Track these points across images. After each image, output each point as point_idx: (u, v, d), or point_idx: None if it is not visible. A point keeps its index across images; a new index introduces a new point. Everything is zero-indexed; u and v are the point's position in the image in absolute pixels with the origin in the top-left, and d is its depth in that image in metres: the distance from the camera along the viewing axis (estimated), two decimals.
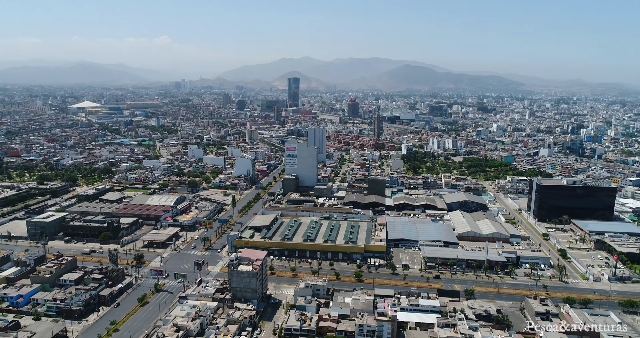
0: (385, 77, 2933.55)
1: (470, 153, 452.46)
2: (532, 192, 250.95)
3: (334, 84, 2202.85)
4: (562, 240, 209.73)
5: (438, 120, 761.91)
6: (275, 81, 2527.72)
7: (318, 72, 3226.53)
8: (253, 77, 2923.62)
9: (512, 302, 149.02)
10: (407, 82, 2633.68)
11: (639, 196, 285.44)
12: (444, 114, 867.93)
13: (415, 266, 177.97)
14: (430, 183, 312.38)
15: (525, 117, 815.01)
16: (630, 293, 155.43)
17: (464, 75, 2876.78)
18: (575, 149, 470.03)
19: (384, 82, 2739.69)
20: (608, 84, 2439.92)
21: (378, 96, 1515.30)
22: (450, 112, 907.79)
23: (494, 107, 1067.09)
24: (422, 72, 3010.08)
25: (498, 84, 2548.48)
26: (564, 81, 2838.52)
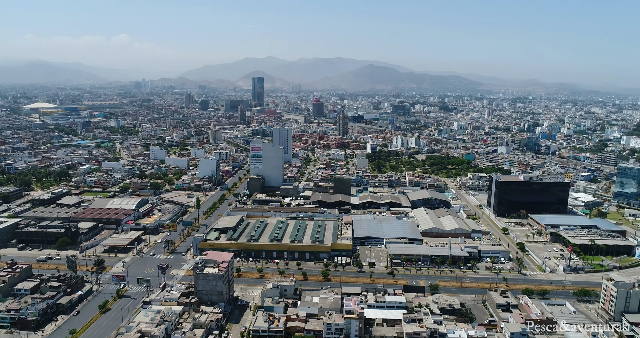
0: (350, 77, 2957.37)
1: (432, 151, 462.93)
2: (491, 188, 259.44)
3: (298, 83, 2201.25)
4: (521, 234, 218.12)
5: (401, 119, 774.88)
6: (239, 81, 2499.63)
7: (282, 72, 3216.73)
8: (216, 76, 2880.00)
9: (474, 295, 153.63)
10: (371, 82, 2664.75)
11: (590, 190, 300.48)
12: (407, 113, 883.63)
13: (381, 263, 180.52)
14: (394, 181, 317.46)
15: (485, 116, 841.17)
16: (584, 283, 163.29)
17: (426, 75, 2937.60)
18: (531, 146, 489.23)
19: (348, 82, 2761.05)
20: (561, 83, 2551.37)
21: (342, 96, 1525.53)
22: (413, 112, 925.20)
23: (454, 106, 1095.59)
24: (385, 72, 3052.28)
25: (458, 83, 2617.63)
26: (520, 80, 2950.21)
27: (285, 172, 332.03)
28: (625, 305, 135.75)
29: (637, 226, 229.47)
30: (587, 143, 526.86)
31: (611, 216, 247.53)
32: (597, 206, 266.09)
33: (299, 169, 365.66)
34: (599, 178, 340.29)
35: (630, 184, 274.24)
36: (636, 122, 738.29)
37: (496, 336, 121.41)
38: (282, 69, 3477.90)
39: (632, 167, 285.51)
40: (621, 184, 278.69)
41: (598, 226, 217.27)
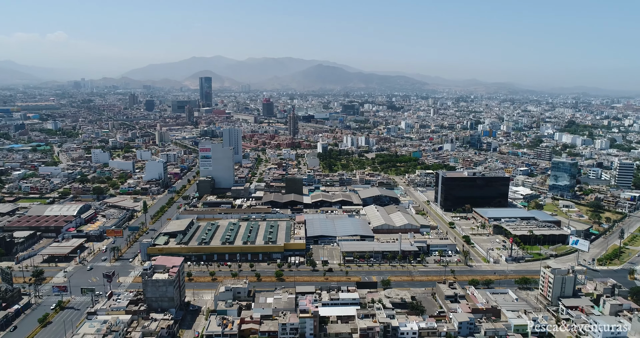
0: (299, 76, 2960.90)
1: (382, 150, 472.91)
2: (438, 184, 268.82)
3: (247, 83, 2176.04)
4: (466, 227, 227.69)
5: (351, 119, 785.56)
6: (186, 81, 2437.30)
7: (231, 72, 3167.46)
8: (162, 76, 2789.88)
9: (424, 288, 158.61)
10: (321, 82, 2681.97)
11: (528, 184, 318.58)
12: (357, 112, 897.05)
13: (334, 261, 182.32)
14: (345, 180, 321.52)
15: (430, 115, 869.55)
16: (524, 272, 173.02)
17: (374, 75, 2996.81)
18: (474, 143, 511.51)
19: (298, 81, 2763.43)
20: (500, 83, 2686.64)
21: (292, 96, 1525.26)
22: (362, 111, 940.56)
23: (402, 105, 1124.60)
24: (334, 72, 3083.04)
25: (405, 83, 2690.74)
26: (462, 80, 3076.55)
27: (236, 173, 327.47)
28: (561, 290, 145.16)
29: (570, 217, 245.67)
30: (525, 140, 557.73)
31: (547, 208, 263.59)
32: (535, 198, 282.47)
33: (250, 170, 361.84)
34: (535, 172, 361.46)
35: (563, 177, 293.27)
36: (567, 119, 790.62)
37: (445, 326, 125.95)
38: (230, 68, 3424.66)
39: (564, 161, 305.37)
40: (555, 177, 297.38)
41: (536, 217, 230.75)
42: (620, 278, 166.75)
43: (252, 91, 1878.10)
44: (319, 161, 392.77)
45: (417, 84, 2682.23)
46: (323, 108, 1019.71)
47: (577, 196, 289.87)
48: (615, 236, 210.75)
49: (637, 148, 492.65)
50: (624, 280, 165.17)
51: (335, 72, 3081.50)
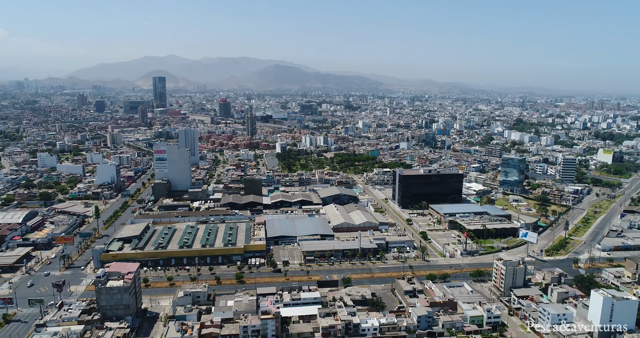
0: (256, 76, 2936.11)
1: (340, 149, 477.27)
2: (395, 182, 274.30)
3: (203, 83, 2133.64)
4: (423, 224, 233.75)
5: (309, 118, 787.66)
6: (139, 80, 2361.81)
7: (186, 71, 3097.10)
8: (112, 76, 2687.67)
9: (384, 284, 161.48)
10: (278, 82, 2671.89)
11: (480, 180, 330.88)
12: (315, 112, 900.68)
13: (295, 261, 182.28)
14: (305, 180, 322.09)
15: (387, 114, 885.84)
16: (478, 265, 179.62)
17: (331, 75, 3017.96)
18: (429, 141, 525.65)
19: (255, 81, 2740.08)
20: (452, 83, 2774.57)
21: (250, 96, 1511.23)
22: (320, 111, 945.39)
23: (359, 105, 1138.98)
24: (292, 71, 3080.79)
25: (361, 83, 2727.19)
26: (417, 80, 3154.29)
27: (193, 175, 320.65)
28: (512, 281, 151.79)
29: (519, 211, 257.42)
30: (476, 137, 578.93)
31: (498, 203, 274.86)
32: (487, 194, 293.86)
33: (207, 172, 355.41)
34: (487, 169, 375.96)
35: (512, 173, 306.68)
36: (515, 117, 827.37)
37: (405, 321, 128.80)
38: (185, 68, 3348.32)
39: (513, 158, 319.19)
40: (505, 173, 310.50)
41: (488, 212, 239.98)
42: (566, 267, 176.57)
43: (208, 91, 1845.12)
44: (278, 161, 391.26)
45: (374, 84, 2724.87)
46: (281, 108, 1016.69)
47: (525, 190, 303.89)
48: (561, 227, 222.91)
49: (578, 144, 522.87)
50: (569, 269, 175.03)
51: (293, 72, 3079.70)
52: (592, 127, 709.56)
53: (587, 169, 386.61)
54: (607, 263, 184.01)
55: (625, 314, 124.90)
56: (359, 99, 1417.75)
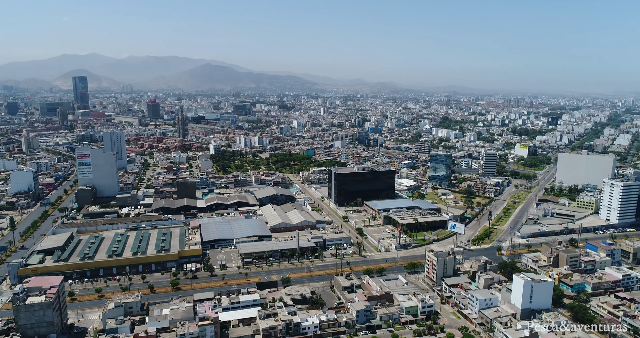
0: (186, 76, 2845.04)
1: (275, 149, 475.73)
2: (331, 180, 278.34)
3: (129, 83, 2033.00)
4: (359, 220, 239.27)
5: (243, 119, 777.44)
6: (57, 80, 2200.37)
7: (110, 71, 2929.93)
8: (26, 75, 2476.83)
9: (323, 282, 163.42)
10: (210, 82, 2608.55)
11: (411, 176, 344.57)
12: (249, 112, 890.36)
13: (233, 264, 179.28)
14: (240, 181, 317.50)
15: (321, 114, 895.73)
16: (412, 257, 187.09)
17: (264, 75, 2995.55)
18: (362, 140, 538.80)
19: (186, 81, 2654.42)
20: (382, 83, 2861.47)
21: (180, 96, 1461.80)
22: (254, 111, 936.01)
23: (293, 105, 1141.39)
24: (224, 71, 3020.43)
25: (295, 83, 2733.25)
26: (349, 80, 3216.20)
27: (120, 180, 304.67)
28: (443, 271, 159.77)
29: (447, 204, 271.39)
30: (407, 135, 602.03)
31: (428, 197, 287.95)
32: (418, 189, 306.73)
33: (136, 176, 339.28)
34: (417, 165, 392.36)
35: (440, 168, 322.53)
36: (441, 115, 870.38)
37: (344, 317, 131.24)
38: (109, 67, 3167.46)
39: (441, 154, 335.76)
40: (434, 169, 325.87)
41: (419, 206, 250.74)
42: (491, 255, 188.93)
43: (135, 91, 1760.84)
44: (212, 163, 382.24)
45: (307, 83, 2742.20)
46: (214, 109, 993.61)
47: (452, 184, 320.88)
48: (485, 218, 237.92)
49: (498, 139, 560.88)
50: (493, 256, 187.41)
51: (225, 71, 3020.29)
52: (510, 123, 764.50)
53: (507, 162, 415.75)
54: (526, 249, 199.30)
55: (543, 295, 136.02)
56: (293, 99, 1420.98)
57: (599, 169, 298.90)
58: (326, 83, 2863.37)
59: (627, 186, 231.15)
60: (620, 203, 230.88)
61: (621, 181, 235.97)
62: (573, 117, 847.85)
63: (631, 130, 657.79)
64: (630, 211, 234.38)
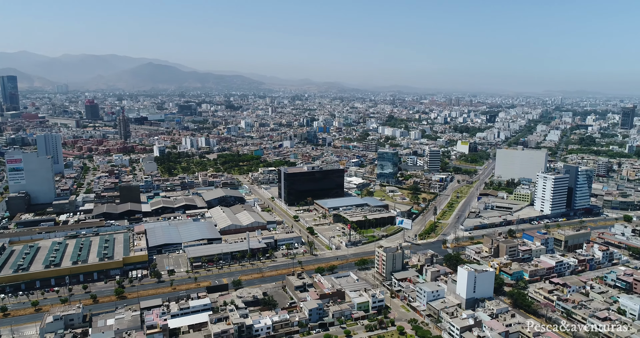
0: (127, 75, 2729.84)
1: (223, 150, 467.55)
2: (281, 180, 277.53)
3: (65, 83, 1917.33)
4: (309, 219, 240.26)
5: (189, 119, 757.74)
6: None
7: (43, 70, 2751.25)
8: None
9: (275, 282, 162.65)
10: (152, 81, 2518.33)
11: (359, 174, 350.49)
12: (194, 113, 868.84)
13: (181, 269, 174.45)
14: (187, 183, 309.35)
15: (269, 114, 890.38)
16: (362, 254, 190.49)
17: (210, 74, 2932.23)
18: (311, 139, 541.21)
19: (126, 81, 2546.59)
20: (330, 82, 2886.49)
21: (121, 96, 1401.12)
22: (200, 111, 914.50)
23: (240, 105, 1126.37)
24: (167, 70, 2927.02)
25: (242, 83, 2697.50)
26: (296, 80, 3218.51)
27: (57, 185, 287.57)
28: (392, 266, 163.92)
29: (395, 200, 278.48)
30: (354, 134, 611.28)
31: (377, 194, 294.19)
32: (366, 186, 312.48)
33: (75, 180, 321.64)
34: (365, 163, 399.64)
35: (387, 166, 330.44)
36: (387, 114, 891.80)
37: (297, 316, 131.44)
38: (41, 66, 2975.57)
39: (387, 152, 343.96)
40: (381, 166, 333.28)
41: (368, 203, 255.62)
42: (437, 248, 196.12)
43: (72, 91, 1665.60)
44: (156, 165, 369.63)
45: (254, 83, 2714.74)
46: (157, 109, 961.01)
47: (399, 181, 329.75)
48: (430, 213, 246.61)
49: (441, 137, 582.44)
50: (439, 249, 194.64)
51: (168, 71, 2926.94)
52: (452, 121, 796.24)
53: (449, 159, 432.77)
54: (469, 241, 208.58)
55: (486, 284, 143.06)
56: (240, 98, 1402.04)
57: (533, 164, 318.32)
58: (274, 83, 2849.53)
59: (558, 179, 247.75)
60: (552, 195, 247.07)
61: (552, 175, 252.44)
62: (509, 115, 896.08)
63: (560, 126, 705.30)
64: (561, 202, 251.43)
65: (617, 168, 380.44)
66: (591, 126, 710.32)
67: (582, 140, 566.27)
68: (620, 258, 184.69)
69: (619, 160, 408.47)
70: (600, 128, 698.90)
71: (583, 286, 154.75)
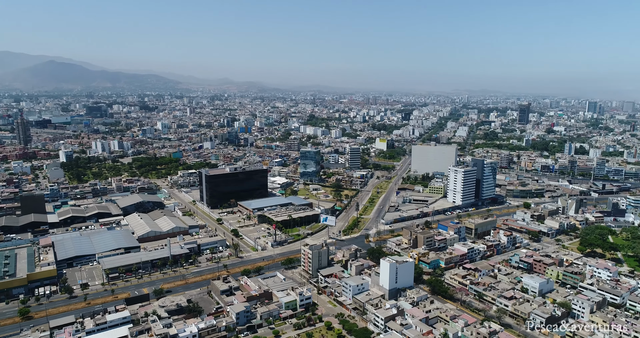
0: (25, 74, 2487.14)
1: (139, 153, 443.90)
2: (202, 183, 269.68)
3: None
4: (233, 221, 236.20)
5: (99, 121, 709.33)
6: None
7: None
8: None
9: (200, 288, 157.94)
10: (55, 81, 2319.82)
11: (283, 173, 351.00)
12: (105, 114, 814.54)
13: (96, 282, 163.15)
14: (100, 190, 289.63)
15: (187, 114, 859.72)
16: (288, 253, 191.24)
17: (121, 73, 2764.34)
18: (232, 140, 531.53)
19: (24, 80, 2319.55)
20: (250, 82, 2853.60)
21: (19, 97, 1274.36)
22: (111, 113, 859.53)
23: (156, 105, 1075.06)
24: (72, 69, 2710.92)
25: (157, 82, 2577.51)
26: (215, 79, 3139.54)
27: None
28: (318, 262, 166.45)
29: (319, 198, 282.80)
30: (276, 133, 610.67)
31: (301, 193, 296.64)
32: (290, 186, 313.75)
33: None
34: (288, 162, 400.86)
35: (310, 164, 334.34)
36: (308, 113, 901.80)
37: (224, 321, 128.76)
38: None
39: (310, 150, 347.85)
40: (304, 165, 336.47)
41: (292, 202, 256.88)
42: (360, 243, 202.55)
43: None
44: (63, 171, 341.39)
45: (170, 83, 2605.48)
46: (62, 111, 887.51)
47: (322, 179, 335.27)
48: (353, 209, 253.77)
49: (360, 135, 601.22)
50: (362, 244, 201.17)
51: (74, 70, 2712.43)
52: (370, 120, 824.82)
53: (369, 156, 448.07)
54: (390, 234, 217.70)
55: (406, 274, 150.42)
56: (156, 99, 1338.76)
57: (444, 158, 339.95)
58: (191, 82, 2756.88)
59: (467, 172, 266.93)
60: (462, 187, 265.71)
61: (462, 168, 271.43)
62: (422, 112, 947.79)
63: (467, 123, 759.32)
64: (470, 193, 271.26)
65: (516, 159, 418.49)
66: (494, 122, 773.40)
67: (486, 135, 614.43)
68: (522, 242, 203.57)
69: (518, 153, 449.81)
70: (501, 123, 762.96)
71: (492, 270, 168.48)
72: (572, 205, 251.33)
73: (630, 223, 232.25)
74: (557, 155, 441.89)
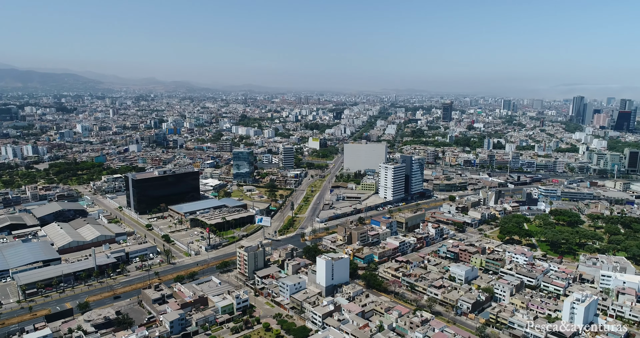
0: None
1: (56, 158, 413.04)
2: (129, 188, 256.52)
3: None
4: (164, 227, 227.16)
5: (9, 124, 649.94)
6: None
7: None
8: None
9: (130, 298, 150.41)
10: None
11: (215, 175, 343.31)
12: (16, 117, 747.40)
13: (10, 299, 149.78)
14: (12, 199, 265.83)
15: (110, 116, 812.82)
16: (223, 256, 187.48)
17: (33, 72, 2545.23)
18: (160, 142, 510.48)
19: None
20: (178, 82, 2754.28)
21: None
22: (23, 115, 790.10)
23: (74, 107, 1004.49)
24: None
25: (75, 82, 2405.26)
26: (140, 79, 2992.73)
27: None
28: (254, 264, 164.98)
29: (253, 199, 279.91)
30: (207, 134, 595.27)
31: (234, 194, 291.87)
32: (223, 187, 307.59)
33: None
34: (220, 164, 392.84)
35: (243, 165, 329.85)
36: (240, 114, 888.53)
37: (157, 331, 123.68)
38: None
39: (242, 151, 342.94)
40: (237, 166, 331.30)
41: (226, 204, 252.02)
42: (296, 242, 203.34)
43: None
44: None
45: (90, 82, 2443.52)
46: None
47: (256, 180, 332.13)
48: (288, 208, 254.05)
49: (293, 134, 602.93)
50: (298, 243, 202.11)
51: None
52: (302, 119, 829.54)
53: (302, 155, 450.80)
54: (325, 232, 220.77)
55: (342, 270, 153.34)
56: (74, 100, 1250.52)
57: (375, 156, 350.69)
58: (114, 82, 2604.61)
59: (397, 168, 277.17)
60: (392, 183, 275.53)
61: (392, 164, 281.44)
62: (353, 111, 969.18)
63: (396, 121, 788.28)
64: (400, 189, 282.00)
65: (442, 155, 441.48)
66: (420, 120, 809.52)
67: (413, 132, 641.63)
68: (449, 233, 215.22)
69: (442, 149, 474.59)
70: (427, 121, 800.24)
71: (422, 261, 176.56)
72: (491, 196, 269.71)
73: (542, 211, 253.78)
74: (478, 150, 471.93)
